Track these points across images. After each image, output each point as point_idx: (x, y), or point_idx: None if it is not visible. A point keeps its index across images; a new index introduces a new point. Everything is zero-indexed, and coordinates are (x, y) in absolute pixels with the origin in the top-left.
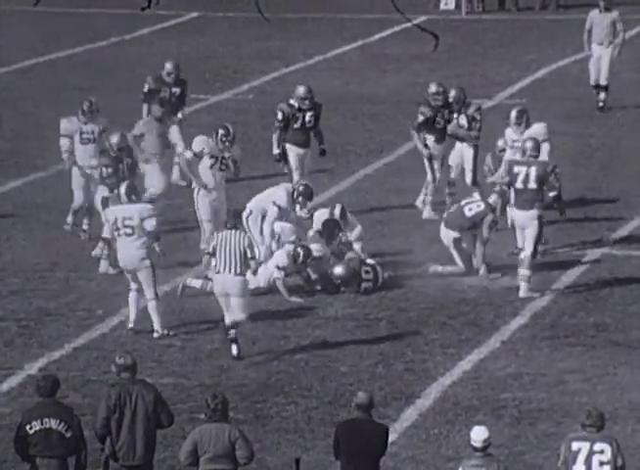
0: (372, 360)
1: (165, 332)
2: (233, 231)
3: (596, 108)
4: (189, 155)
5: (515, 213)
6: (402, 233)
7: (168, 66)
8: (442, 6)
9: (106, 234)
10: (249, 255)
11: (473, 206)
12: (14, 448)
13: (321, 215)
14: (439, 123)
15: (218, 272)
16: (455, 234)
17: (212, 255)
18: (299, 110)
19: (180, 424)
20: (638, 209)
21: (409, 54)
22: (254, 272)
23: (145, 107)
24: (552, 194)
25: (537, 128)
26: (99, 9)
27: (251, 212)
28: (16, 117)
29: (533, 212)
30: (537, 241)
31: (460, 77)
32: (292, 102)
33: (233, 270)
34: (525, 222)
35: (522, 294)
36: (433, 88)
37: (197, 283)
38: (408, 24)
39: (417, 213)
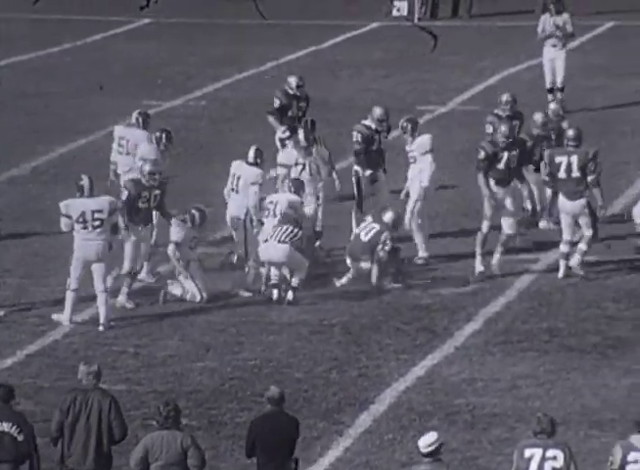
0: (326, 366)
1: (112, 324)
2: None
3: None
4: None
5: (565, 204)
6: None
7: (294, 79)
8: (395, 12)
9: (65, 228)
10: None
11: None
12: None
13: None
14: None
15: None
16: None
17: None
18: (376, 131)
19: (133, 431)
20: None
21: (362, 60)
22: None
23: (274, 122)
24: (590, 178)
25: (423, 139)
26: (51, 14)
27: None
28: None
29: (583, 201)
30: (595, 223)
31: (413, 83)
32: (367, 123)
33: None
34: (576, 211)
35: (572, 263)
36: (504, 98)
37: (177, 290)
38: (360, 31)
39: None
